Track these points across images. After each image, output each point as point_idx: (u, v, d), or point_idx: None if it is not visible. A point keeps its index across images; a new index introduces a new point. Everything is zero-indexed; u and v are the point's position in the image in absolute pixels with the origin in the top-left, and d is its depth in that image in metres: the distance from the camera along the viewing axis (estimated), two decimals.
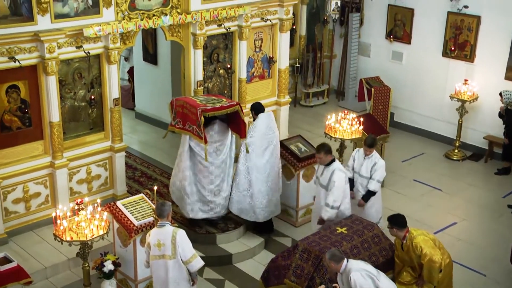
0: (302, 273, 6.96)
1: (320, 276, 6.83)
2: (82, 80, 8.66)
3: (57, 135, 8.39)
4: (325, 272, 6.77)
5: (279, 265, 7.21)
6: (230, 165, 8.62)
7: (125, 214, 7.44)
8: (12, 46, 7.75)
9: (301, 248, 7.09)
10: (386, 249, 7.39)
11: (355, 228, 7.44)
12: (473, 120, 11.79)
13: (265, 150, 8.70)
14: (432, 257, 6.78)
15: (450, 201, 10.27)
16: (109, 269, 7.32)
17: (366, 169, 8.33)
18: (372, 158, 8.34)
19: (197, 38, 9.49)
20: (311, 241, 7.17)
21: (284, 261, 7.18)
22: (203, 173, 8.43)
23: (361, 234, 7.34)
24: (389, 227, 7.02)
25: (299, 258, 7.05)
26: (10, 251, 7.85)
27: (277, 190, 8.95)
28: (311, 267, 6.91)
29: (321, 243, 7.09)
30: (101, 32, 8.33)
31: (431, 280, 6.89)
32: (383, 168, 8.34)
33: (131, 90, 13.16)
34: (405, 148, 12.13)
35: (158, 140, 11.59)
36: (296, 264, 7.04)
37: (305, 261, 7.00)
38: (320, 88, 13.82)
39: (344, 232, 7.32)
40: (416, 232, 6.99)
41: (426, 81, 12.42)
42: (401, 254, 7.13)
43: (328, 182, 7.73)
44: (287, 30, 10.78)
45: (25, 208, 8.49)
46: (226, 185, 8.62)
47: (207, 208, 8.66)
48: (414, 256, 6.92)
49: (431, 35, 12.16)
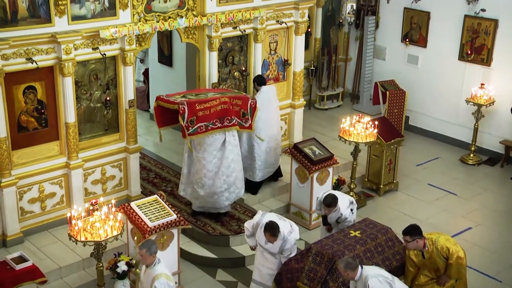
0: (315, 276, 6.93)
1: (333, 280, 6.80)
2: (98, 81, 8.72)
3: (73, 136, 8.45)
4: (338, 275, 6.74)
5: (292, 268, 7.19)
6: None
7: (139, 215, 7.47)
8: (29, 48, 7.83)
9: (314, 251, 7.07)
10: (399, 253, 7.35)
11: (369, 231, 7.40)
12: (489, 124, 11.69)
13: (265, 121, 9.37)
14: (458, 253, 6.76)
15: (465, 206, 10.19)
16: (122, 269, 7.36)
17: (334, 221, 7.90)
18: (335, 213, 7.78)
19: (213, 40, 9.51)
20: (324, 244, 7.15)
21: (297, 264, 7.15)
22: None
23: (374, 237, 7.31)
24: (410, 240, 6.77)
25: (312, 261, 7.03)
26: (26, 250, 7.92)
27: (277, 148, 9.69)
28: (324, 270, 6.89)
29: (334, 246, 7.07)
30: (117, 34, 8.38)
31: (461, 276, 6.87)
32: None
33: (146, 92, 13.22)
34: (420, 152, 12.06)
35: (172, 142, 11.63)
36: (309, 267, 7.02)
37: (318, 264, 6.98)
38: (334, 91, 13.78)
39: (357, 235, 7.29)
40: (432, 235, 6.94)
41: (442, 84, 12.34)
42: (422, 262, 7.03)
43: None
44: (302, 33, 10.77)
45: (41, 208, 8.56)
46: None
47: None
48: (440, 259, 6.84)
49: (447, 38, 12.08)
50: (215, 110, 8.48)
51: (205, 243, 8.66)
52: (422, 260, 7.02)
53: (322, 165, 9.21)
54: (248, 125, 8.73)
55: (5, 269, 6.98)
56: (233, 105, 8.61)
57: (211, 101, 8.47)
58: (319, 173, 9.22)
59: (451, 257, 6.78)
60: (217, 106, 8.49)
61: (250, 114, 8.71)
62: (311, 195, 9.23)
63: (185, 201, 9.45)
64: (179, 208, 9.18)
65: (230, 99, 8.63)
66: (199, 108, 8.38)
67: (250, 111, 8.72)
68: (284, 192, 9.94)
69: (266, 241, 7.17)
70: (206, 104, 8.43)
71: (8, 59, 7.70)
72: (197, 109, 8.36)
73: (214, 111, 8.47)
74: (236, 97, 8.75)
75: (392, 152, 10.36)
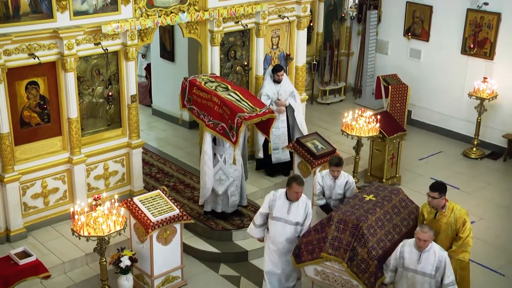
0: (341, 245, 6.67)
1: (361, 245, 6.60)
2: (100, 76, 8.72)
3: (75, 131, 8.46)
4: (366, 241, 6.59)
5: (312, 239, 6.88)
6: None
7: (142, 210, 7.49)
8: (32, 43, 7.83)
9: (337, 219, 6.78)
10: (413, 212, 7.37)
11: (382, 194, 7.32)
12: (492, 118, 11.67)
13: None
14: (470, 235, 6.82)
15: (468, 200, 10.18)
16: (125, 264, 7.37)
17: (340, 191, 7.81)
18: (341, 178, 7.80)
19: (214, 35, 9.50)
20: (345, 211, 6.91)
21: (318, 234, 6.84)
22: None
23: (389, 199, 7.22)
24: (438, 197, 6.86)
25: (335, 230, 6.74)
26: (29, 245, 7.94)
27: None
28: (350, 237, 6.65)
29: (355, 211, 6.87)
30: (119, 29, 8.38)
31: (465, 256, 6.91)
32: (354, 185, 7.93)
33: (148, 87, 13.22)
34: (423, 146, 12.05)
35: (174, 137, 11.65)
36: (333, 236, 6.73)
37: (342, 232, 6.71)
38: (337, 86, 13.76)
39: (372, 199, 7.14)
40: (456, 204, 6.97)
41: (444, 78, 12.32)
42: (429, 221, 6.95)
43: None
44: (304, 28, 10.75)
45: (44, 203, 8.58)
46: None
47: None
48: (449, 228, 6.83)
49: (450, 32, 12.05)
50: (206, 105, 8.45)
51: (208, 238, 8.68)
52: (432, 220, 6.95)
53: (325, 159, 9.21)
54: (234, 139, 8.17)
55: (9, 264, 7.00)
56: (223, 110, 8.28)
57: (207, 93, 8.47)
58: (321, 167, 9.22)
59: (463, 232, 6.77)
60: (208, 101, 8.46)
61: (236, 130, 8.13)
62: (313, 189, 9.22)
63: (188, 196, 9.46)
64: (182, 203, 9.19)
65: (220, 103, 8.30)
66: (195, 92, 8.60)
67: (236, 127, 8.11)
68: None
69: (290, 208, 7.01)
70: (201, 93, 8.53)
71: (11, 55, 7.70)
72: (193, 92, 8.61)
73: (206, 105, 8.46)
74: (228, 105, 8.20)
75: (395, 146, 10.35)
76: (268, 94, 9.70)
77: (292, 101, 9.99)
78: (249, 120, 8.07)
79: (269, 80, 9.90)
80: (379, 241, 6.74)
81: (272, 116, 8.38)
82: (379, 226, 6.86)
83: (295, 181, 6.99)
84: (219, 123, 8.29)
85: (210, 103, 8.41)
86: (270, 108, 8.69)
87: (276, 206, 7.07)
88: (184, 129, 11.96)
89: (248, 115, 8.06)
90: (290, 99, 9.98)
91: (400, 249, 6.51)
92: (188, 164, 10.54)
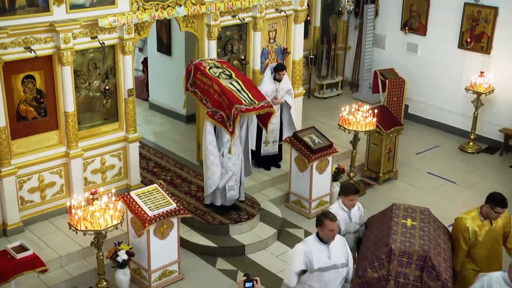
0: (408, 281, 6.08)
1: (433, 279, 6.03)
2: (96, 70, 8.70)
3: (72, 125, 8.45)
4: (438, 273, 6.02)
5: (369, 279, 6.19)
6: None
7: (139, 204, 7.49)
8: (28, 37, 7.80)
9: (398, 252, 6.10)
10: (445, 231, 6.94)
11: (417, 216, 6.68)
12: (488, 112, 11.69)
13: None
14: None
15: (464, 194, 10.21)
16: (122, 258, 7.38)
17: (357, 220, 6.95)
18: (355, 207, 6.90)
19: (211, 29, 9.48)
20: (401, 241, 6.21)
21: (377, 273, 6.17)
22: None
23: (428, 221, 6.62)
24: (499, 211, 6.45)
25: (398, 265, 6.11)
26: (26, 239, 7.93)
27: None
28: (417, 271, 6.07)
29: (412, 241, 6.23)
30: (116, 22, 8.35)
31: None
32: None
33: (145, 81, 13.20)
34: (419, 141, 12.07)
35: (171, 131, 11.64)
36: (397, 272, 6.10)
37: (406, 266, 6.10)
38: (334, 80, 13.75)
39: (414, 223, 6.51)
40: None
41: (441, 73, 12.32)
42: (487, 235, 6.61)
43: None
44: (302, 21, 10.73)
45: (41, 197, 8.57)
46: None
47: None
48: (501, 231, 6.65)
49: (447, 26, 12.04)
50: (208, 91, 8.48)
51: (205, 232, 8.69)
52: (489, 230, 6.57)
53: (322, 153, 9.22)
54: (230, 129, 8.12)
55: (5, 258, 7.00)
56: (222, 99, 8.23)
57: (210, 79, 8.47)
58: (318, 161, 9.23)
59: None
60: (210, 87, 8.47)
61: (232, 121, 8.08)
62: (311, 184, 9.25)
63: (185, 190, 9.47)
64: (179, 197, 9.20)
65: (220, 91, 8.24)
66: (198, 77, 8.66)
67: (233, 118, 8.05)
68: (283, 181, 9.97)
69: (329, 252, 5.93)
70: (204, 79, 8.56)
71: (7, 48, 7.67)
72: (197, 76, 8.69)
73: (207, 91, 8.48)
74: (227, 95, 8.15)
75: (392, 140, 10.36)
76: (267, 92, 9.66)
77: (288, 98, 10.00)
78: (246, 113, 8.04)
79: (269, 77, 9.84)
80: (446, 270, 6.20)
81: (271, 111, 8.36)
82: (438, 253, 6.30)
83: (326, 217, 5.85)
84: (218, 111, 8.28)
85: (211, 90, 8.41)
86: (269, 102, 8.65)
87: (315, 258, 5.88)
88: (181, 123, 11.96)
89: (245, 107, 8.04)
90: (287, 96, 9.98)
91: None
92: (185, 158, 10.54)
